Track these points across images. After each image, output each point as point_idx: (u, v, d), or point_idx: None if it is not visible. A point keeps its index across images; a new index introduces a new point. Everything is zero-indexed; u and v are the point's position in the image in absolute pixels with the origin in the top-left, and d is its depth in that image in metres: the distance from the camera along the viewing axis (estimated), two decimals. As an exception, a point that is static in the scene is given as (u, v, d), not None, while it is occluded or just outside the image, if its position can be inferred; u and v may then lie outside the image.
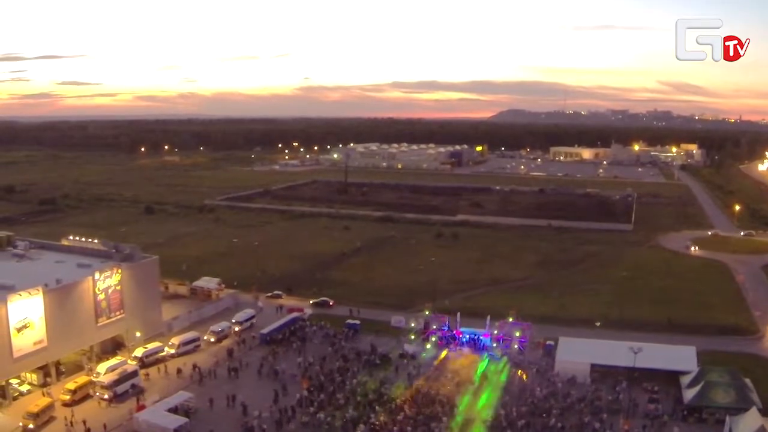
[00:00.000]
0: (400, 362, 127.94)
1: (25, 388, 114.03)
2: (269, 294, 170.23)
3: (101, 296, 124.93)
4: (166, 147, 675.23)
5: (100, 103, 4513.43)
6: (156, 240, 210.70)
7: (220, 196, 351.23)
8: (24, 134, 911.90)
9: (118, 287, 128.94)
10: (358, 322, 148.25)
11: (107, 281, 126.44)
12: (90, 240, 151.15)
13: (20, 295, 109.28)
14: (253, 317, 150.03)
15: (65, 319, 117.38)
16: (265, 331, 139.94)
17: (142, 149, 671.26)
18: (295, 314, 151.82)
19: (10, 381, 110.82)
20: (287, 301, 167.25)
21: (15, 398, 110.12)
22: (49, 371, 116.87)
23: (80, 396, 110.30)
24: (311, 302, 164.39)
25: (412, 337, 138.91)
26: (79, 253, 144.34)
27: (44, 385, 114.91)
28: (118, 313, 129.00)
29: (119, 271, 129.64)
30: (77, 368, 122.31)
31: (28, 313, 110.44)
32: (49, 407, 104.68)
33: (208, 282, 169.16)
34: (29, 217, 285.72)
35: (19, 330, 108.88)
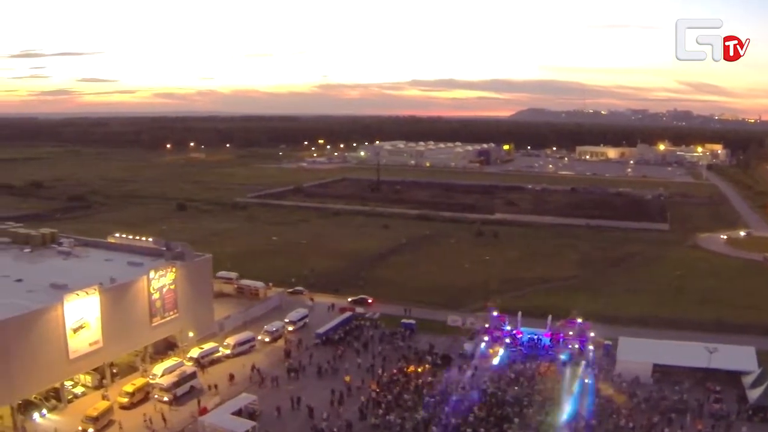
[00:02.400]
0: (461, 362, 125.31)
1: (79, 390, 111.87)
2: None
3: (156, 295, 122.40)
4: (191, 144, 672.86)
5: (119, 100, 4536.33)
6: (192, 237, 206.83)
7: (251, 193, 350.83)
8: (44, 130, 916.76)
9: (173, 286, 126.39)
10: (413, 321, 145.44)
11: (162, 280, 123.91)
12: (137, 237, 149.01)
13: (77, 294, 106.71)
14: (306, 317, 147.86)
15: (120, 320, 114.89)
16: (320, 330, 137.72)
17: (167, 146, 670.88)
18: (348, 313, 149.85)
19: (64, 383, 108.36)
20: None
21: (70, 400, 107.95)
22: (104, 373, 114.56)
23: (138, 398, 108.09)
24: (349, 300, 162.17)
25: (471, 336, 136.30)
26: (127, 250, 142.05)
27: (98, 387, 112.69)
28: (171, 312, 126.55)
29: (174, 269, 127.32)
30: (130, 369, 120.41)
31: (84, 313, 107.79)
32: (108, 411, 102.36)
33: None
34: (60, 213, 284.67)
35: (75, 331, 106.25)
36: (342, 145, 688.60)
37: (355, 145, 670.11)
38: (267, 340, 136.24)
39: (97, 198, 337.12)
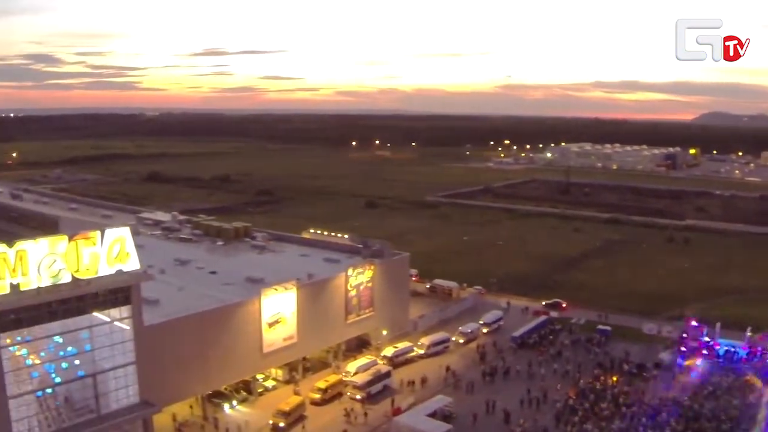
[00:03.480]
0: (657, 372, 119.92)
1: (269, 383, 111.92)
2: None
3: (353, 293, 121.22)
4: (376, 141, 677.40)
5: (302, 97, 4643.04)
6: (383, 235, 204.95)
7: (440, 192, 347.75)
8: (229, 126, 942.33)
9: (370, 284, 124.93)
10: (609, 328, 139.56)
11: (360, 277, 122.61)
12: (333, 234, 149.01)
13: (276, 289, 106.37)
14: (500, 319, 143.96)
15: (316, 316, 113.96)
16: (516, 334, 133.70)
17: (353, 143, 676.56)
18: (543, 317, 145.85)
19: (256, 376, 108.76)
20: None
21: (260, 394, 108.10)
22: (296, 368, 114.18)
23: (330, 395, 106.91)
24: (543, 303, 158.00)
25: (668, 346, 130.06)
26: (322, 247, 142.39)
27: (289, 381, 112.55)
28: (367, 310, 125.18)
29: (372, 267, 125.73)
30: (321, 365, 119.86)
31: (281, 307, 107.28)
32: (300, 406, 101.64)
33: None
34: (248, 207, 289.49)
35: (270, 325, 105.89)
36: (528, 146, 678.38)
37: (541, 146, 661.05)
38: (461, 341, 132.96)
39: (284, 193, 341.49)
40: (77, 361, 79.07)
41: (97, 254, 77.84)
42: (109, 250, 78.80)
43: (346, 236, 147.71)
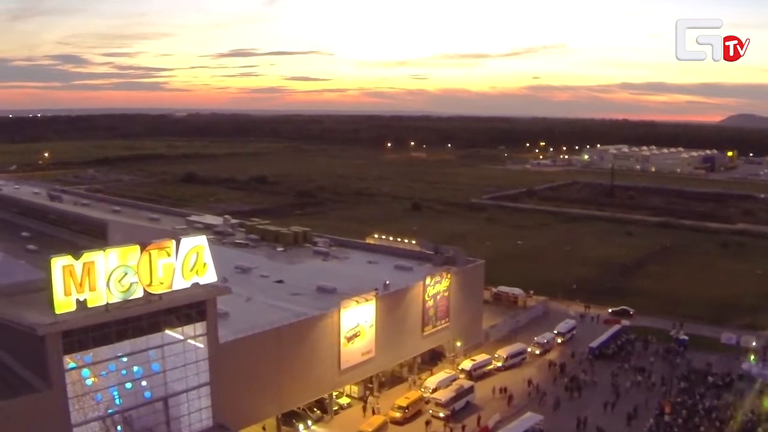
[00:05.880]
0: (741, 384, 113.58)
1: (344, 401, 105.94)
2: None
3: (430, 303, 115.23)
4: (411, 143, 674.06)
5: (329, 98, 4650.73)
6: (433, 239, 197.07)
7: (483, 194, 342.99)
8: (259, 127, 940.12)
9: (446, 293, 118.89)
10: (686, 337, 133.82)
11: (437, 287, 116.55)
12: (399, 239, 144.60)
13: (356, 302, 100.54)
14: (574, 328, 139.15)
15: (393, 328, 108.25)
16: (594, 344, 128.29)
17: (388, 144, 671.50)
18: (617, 326, 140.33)
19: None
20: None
21: (335, 412, 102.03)
22: (371, 384, 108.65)
23: (411, 413, 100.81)
24: (610, 311, 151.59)
25: (752, 357, 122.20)
26: (389, 253, 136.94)
27: (363, 398, 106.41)
28: (443, 321, 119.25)
29: (449, 276, 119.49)
30: (395, 380, 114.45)
31: (359, 320, 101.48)
32: (383, 426, 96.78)
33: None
34: (294, 210, 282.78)
35: (348, 339, 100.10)
36: (564, 148, 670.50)
37: (577, 147, 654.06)
38: (537, 352, 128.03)
39: (325, 195, 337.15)
40: (144, 383, 73.17)
41: (173, 266, 72.22)
42: (185, 262, 73.23)
43: (413, 242, 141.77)
